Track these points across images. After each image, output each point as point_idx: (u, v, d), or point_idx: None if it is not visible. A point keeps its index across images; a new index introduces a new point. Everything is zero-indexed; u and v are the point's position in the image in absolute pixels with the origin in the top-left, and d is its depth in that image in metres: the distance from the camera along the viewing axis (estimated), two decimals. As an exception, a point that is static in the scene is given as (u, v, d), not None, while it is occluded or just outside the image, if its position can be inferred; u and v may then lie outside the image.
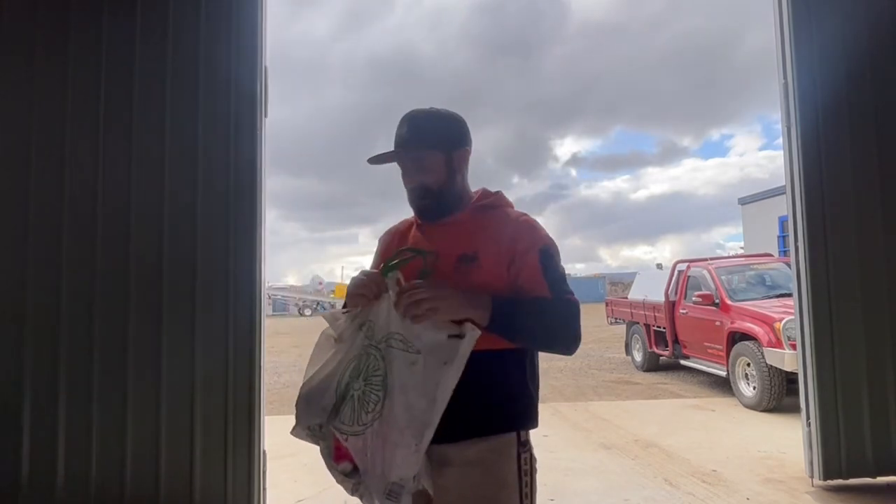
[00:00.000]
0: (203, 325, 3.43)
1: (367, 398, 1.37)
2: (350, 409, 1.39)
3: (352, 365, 1.42)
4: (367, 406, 1.37)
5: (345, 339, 1.47)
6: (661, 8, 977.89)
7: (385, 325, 1.40)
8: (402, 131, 1.55)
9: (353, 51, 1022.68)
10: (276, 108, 3.88)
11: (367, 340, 1.42)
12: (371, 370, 1.39)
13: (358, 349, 1.43)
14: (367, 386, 1.38)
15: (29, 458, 3.30)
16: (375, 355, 1.40)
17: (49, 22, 3.49)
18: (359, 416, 1.37)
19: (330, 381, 1.43)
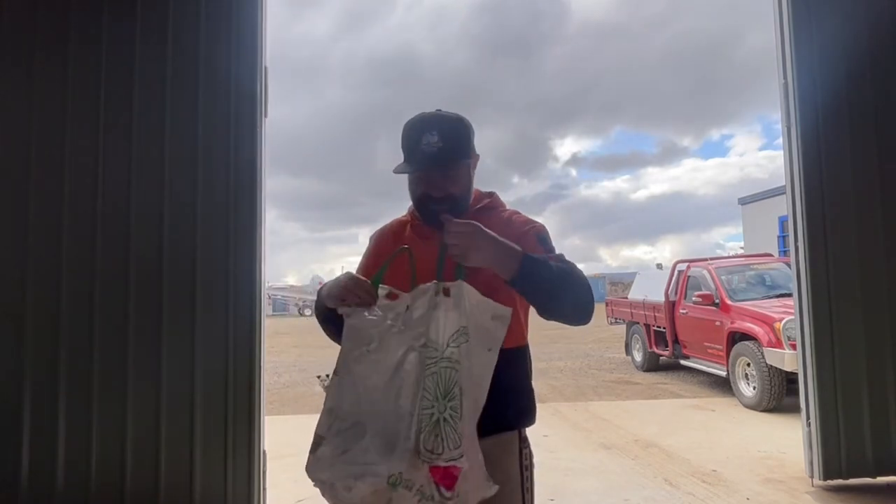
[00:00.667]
0: (203, 325, 3.43)
1: (455, 413, 1.30)
2: (446, 435, 1.29)
3: (422, 393, 1.30)
4: (457, 421, 1.29)
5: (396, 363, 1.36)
6: (662, 8, 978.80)
7: (442, 332, 1.33)
8: (430, 139, 1.46)
9: (353, 51, 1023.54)
10: (276, 108, 3.88)
11: (430, 359, 1.32)
12: (448, 384, 1.31)
13: (421, 373, 1.32)
14: (449, 401, 1.30)
15: (29, 458, 3.30)
16: (445, 366, 1.32)
17: (49, 22, 3.48)
18: (458, 436, 1.29)
19: (400, 424, 1.30)
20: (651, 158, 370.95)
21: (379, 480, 1.26)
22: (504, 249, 1.35)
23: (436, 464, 1.27)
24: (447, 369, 1.31)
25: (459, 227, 1.33)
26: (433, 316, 1.34)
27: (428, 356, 1.32)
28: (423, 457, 1.27)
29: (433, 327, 1.34)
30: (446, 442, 1.28)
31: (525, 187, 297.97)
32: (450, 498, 1.27)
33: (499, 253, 1.34)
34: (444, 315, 1.34)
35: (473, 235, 1.32)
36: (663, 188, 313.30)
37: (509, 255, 1.35)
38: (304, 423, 7.20)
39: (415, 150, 1.47)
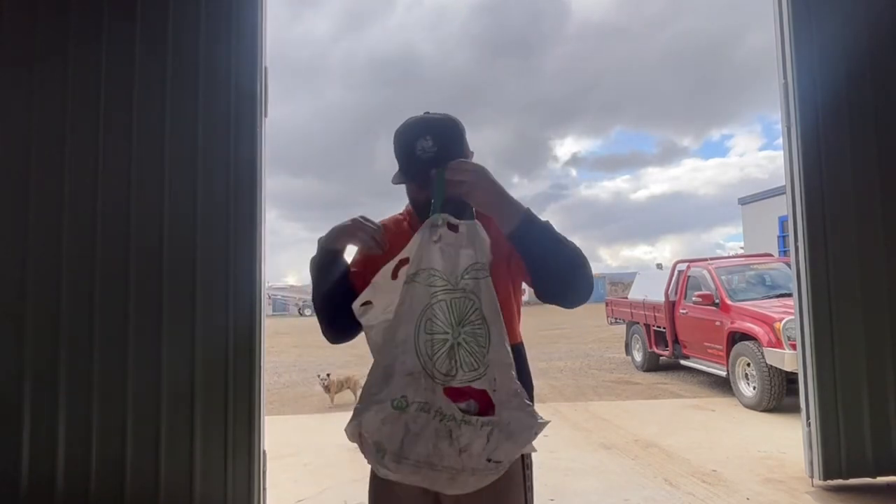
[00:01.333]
0: (203, 325, 3.43)
1: (475, 338, 1.30)
2: (459, 358, 1.30)
3: (423, 320, 1.32)
4: (478, 344, 1.30)
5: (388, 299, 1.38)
6: (662, 8, 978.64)
7: (457, 262, 1.33)
8: (425, 145, 1.43)
9: (353, 51, 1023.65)
10: (276, 108, 3.88)
11: (434, 288, 1.32)
12: (466, 312, 1.31)
13: (422, 301, 1.32)
14: (467, 327, 1.30)
15: (29, 458, 3.30)
16: (460, 297, 1.32)
17: (49, 22, 3.48)
18: (475, 358, 1.30)
19: (399, 349, 1.32)
20: (651, 158, 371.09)
21: (382, 406, 1.30)
22: (508, 199, 1.35)
23: (450, 384, 1.30)
24: (461, 299, 1.32)
25: (468, 164, 1.36)
26: (437, 248, 1.35)
27: (430, 284, 1.33)
28: (437, 379, 1.30)
29: (438, 258, 1.34)
30: (460, 364, 1.30)
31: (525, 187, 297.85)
32: (473, 421, 1.28)
33: (503, 199, 1.35)
34: (453, 249, 1.34)
35: (481, 174, 1.34)
36: (663, 188, 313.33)
37: (513, 206, 1.35)
38: (304, 423, 7.24)
39: (410, 158, 1.45)
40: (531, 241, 1.36)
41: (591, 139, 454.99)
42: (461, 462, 1.27)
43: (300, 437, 5.81)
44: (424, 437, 1.28)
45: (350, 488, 4.15)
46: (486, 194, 1.34)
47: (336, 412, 7.35)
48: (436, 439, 1.28)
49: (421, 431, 1.29)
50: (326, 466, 4.80)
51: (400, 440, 1.29)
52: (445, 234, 1.35)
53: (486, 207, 1.35)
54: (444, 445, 1.28)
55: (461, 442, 1.27)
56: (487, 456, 1.27)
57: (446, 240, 1.35)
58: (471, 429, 1.27)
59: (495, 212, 1.35)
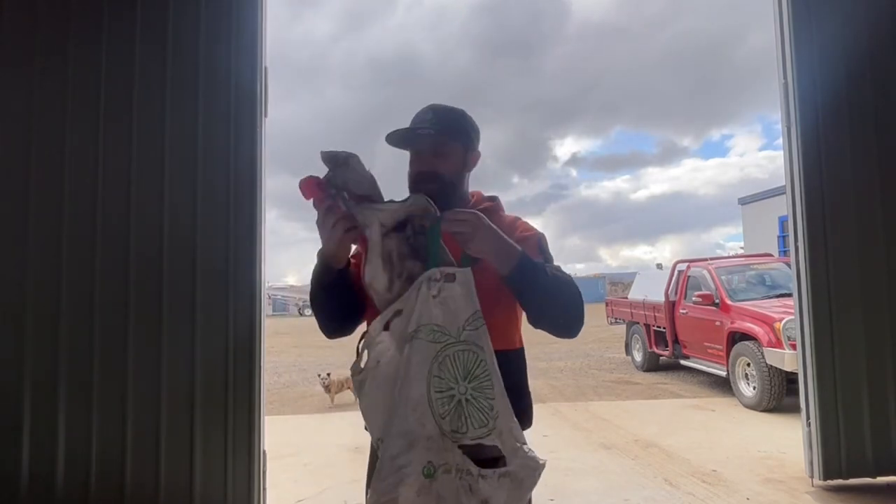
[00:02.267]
0: (203, 325, 3.43)
1: (482, 392, 1.31)
2: (469, 414, 1.30)
3: (432, 378, 1.31)
4: (487, 399, 1.31)
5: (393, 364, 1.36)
6: (662, 8, 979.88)
7: (458, 315, 1.34)
8: (425, 116, 1.55)
9: (353, 51, 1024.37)
10: (276, 108, 3.88)
11: (440, 344, 1.32)
12: (470, 365, 1.32)
13: (429, 359, 1.32)
14: (474, 382, 1.31)
15: (29, 458, 3.30)
16: (463, 349, 1.33)
17: (49, 22, 3.48)
18: (484, 413, 1.30)
19: (417, 413, 1.30)
20: (651, 158, 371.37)
21: (416, 478, 1.28)
22: (504, 243, 1.38)
23: (462, 442, 1.29)
24: (465, 352, 1.32)
25: (464, 214, 1.37)
26: (436, 301, 1.34)
27: (435, 340, 1.33)
28: (451, 437, 1.29)
29: (439, 312, 1.34)
30: (470, 421, 1.30)
31: (525, 187, 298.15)
32: (490, 474, 1.28)
33: (499, 245, 1.37)
34: (452, 300, 1.35)
35: (478, 223, 1.36)
36: (663, 188, 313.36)
37: (509, 250, 1.38)
38: (304, 423, 7.23)
39: (410, 128, 1.55)
40: (527, 283, 1.40)
41: (592, 139, 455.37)
42: None
43: (300, 437, 5.81)
44: (451, 499, 1.28)
45: (350, 488, 4.15)
46: (484, 242, 1.36)
47: (336, 412, 7.35)
48: (460, 497, 1.28)
49: (448, 494, 1.28)
50: (326, 466, 4.79)
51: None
52: (444, 287, 1.36)
53: (484, 254, 1.37)
54: (466, 500, 1.28)
55: (482, 494, 1.27)
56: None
57: (445, 293, 1.36)
58: (488, 482, 1.28)
59: (493, 257, 1.38)
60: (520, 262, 1.37)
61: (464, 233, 1.35)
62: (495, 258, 1.37)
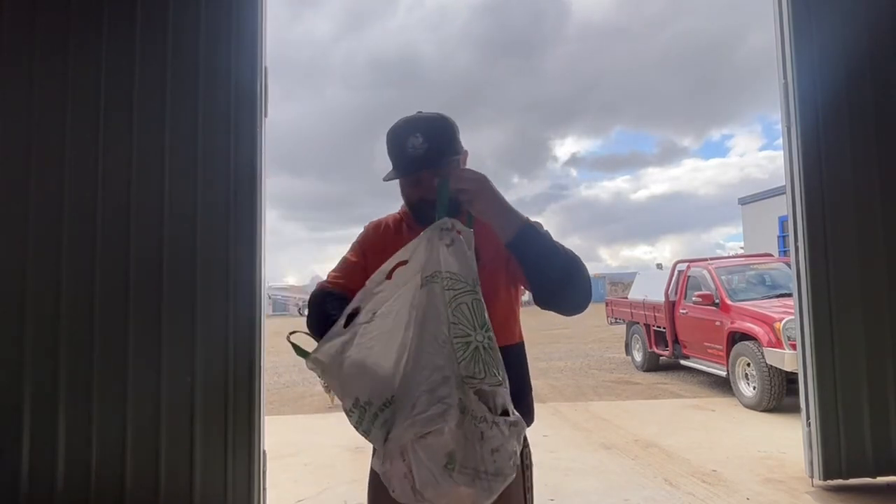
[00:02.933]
0: (203, 325, 3.43)
1: (492, 342, 1.29)
2: (486, 362, 1.26)
3: (450, 323, 1.28)
4: (495, 349, 1.28)
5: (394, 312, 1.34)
6: (662, 8, 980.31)
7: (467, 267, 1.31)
8: (416, 142, 1.46)
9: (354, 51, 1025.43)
10: (277, 108, 3.88)
11: (454, 291, 1.29)
12: (482, 315, 1.29)
13: (444, 304, 1.29)
14: (487, 332, 1.28)
15: (29, 458, 3.29)
16: (478, 298, 1.30)
17: (49, 22, 3.48)
18: (497, 363, 1.27)
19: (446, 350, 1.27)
20: (651, 158, 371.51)
21: (455, 410, 1.23)
22: (509, 208, 1.38)
23: (480, 387, 1.26)
24: (478, 301, 1.30)
25: (471, 174, 1.37)
26: (450, 251, 1.33)
27: (451, 287, 1.30)
28: (466, 382, 1.26)
29: (452, 261, 1.32)
30: (487, 367, 1.27)
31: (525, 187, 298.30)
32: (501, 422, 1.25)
33: (504, 209, 1.37)
34: (465, 253, 1.33)
35: (483, 183, 1.35)
36: (663, 188, 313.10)
37: (513, 216, 1.37)
38: (304, 423, 7.22)
39: (401, 156, 1.48)
40: (530, 249, 1.37)
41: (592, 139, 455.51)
42: (495, 466, 1.24)
43: (300, 437, 5.81)
44: (472, 441, 1.24)
45: (350, 488, 4.15)
46: (488, 203, 1.36)
47: (336, 412, 7.35)
48: (475, 443, 1.24)
49: (470, 436, 1.24)
50: (326, 466, 4.79)
51: (463, 446, 1.24)
52: (458, 239, 1.34)
53: (487, 216, 1.36)
54: (479, 448, 1.24)
55: (493, 443, 1.24)
56: (514, 460, 1.25)
57: (458, 244, 1.34)
58: (499, 430, 1.25)
59: (496, 220, 1.37)
60: (523, 228, 1.36)
61: (469, 191, 1.34)
62: (498, 221, 1.36)
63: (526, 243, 1.37)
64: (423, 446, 1.22)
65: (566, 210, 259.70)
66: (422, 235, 1.35)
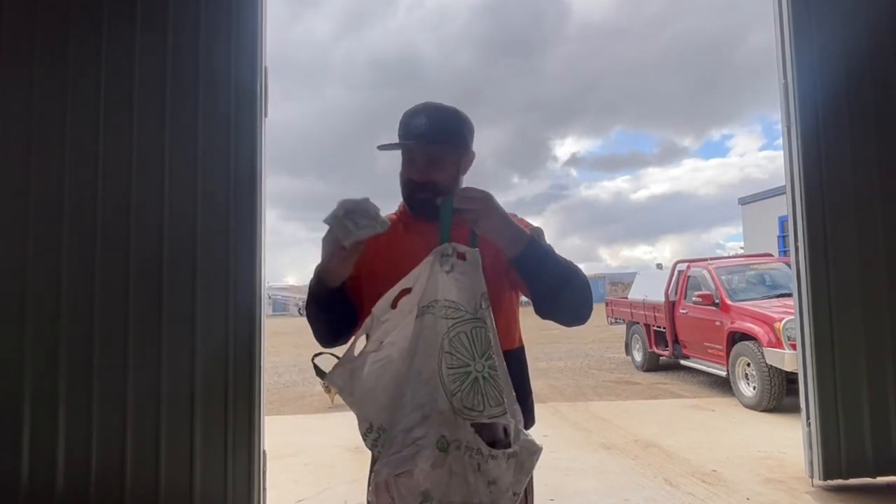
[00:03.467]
0: (203, 325, 3.43)
1: (496, 371, 1.29)
2: (483, 392, 1.27)
3: (443, 354, 1.28)
4: (500, 377, 1.28)
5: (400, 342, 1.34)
6: (662, 9, 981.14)
7: (473, 292, 1.31)
8: (419, 122, 1.49)
9: (354, 51, 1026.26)
10: (277, 109, 3.88)
11: (452, 320, 1.30)
12: (485, 343, 1.29)
13: (440, 334, 1.29)
14: (490, 360, 1.29)
15: (29, 458, 3.30)
16: (479, 326, 1.30)
17: (49, 22, 3.48)
18: (499, 392, 1.28)
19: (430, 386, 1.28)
20: (651, 158, 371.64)
21: (431, 451, 1.25)
22: (513, 225, 1.38)
23: (478, 420, 1.27)
24: (480, 329, 1.30)
25: (475, 192, 1.36)
26: (450, 277, 1.33)
27: (447, 316, 1.31)
28: (463, 414, 1.27)
29: (453, 288, 1.32)
30: (487, 399, 1.27)
31: (525, 187, 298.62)
32: (499, 454, 1.26)
33: (508, 227, 1.37)
34: (465, 277, 1.33)
35: (488, 202, 1.35)
36: (663, 188, 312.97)
37: (517, 232, 1.38)
38: (304, 423, 7.23)
39: (403, 133, 1.51)
40: (535, 266, 1.38)
41: (592, 139, 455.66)
42: (490, 497, 1.25)
43: (300, 437, 5.81)
44: (461, 476, 1.26)
45: (350, 488, 4.15)
46: (493, 221, 1.35)
47: (336, 412, 7.34)
48: (468, 475, 1.26)
49: (459, 471, 1.26)
50: (326, 466, 4.79)
51: (446, 484, 1.26)
52: (457, 264, 1.34)
53: (493, 234, 1.36)
54: (474, 480, 1.25)
55: (490, 475, 1.25)
56: (513, 490, 1.26)
57: (459, 269, 1.34)
58: (497, 463, 1.26)
59: (501, 238, 1.37)
60: (528, 245, 1.37)
61: (473, 211, 1.34)
62: (503, 239, 1.37)
63: (530, 259, 1.37)
64: (399, 484, 1.26)
65: (566, 210, 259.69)
66: (424, 262, 1.35)
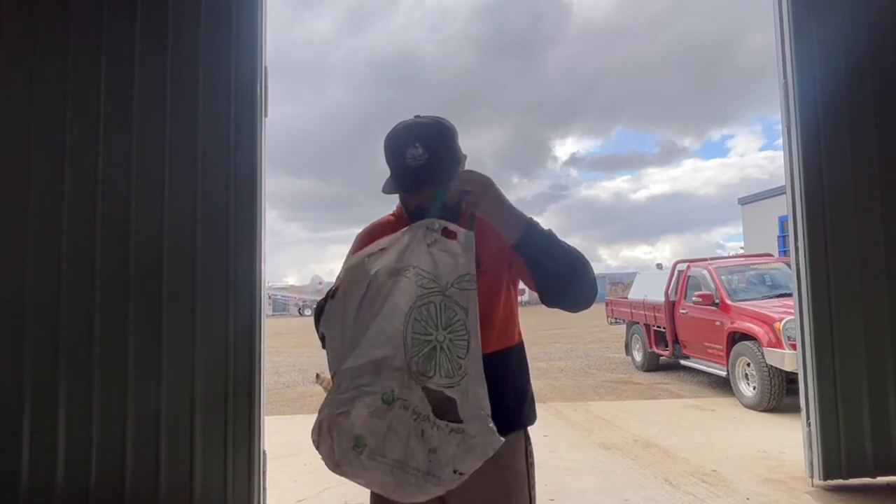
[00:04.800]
0: (203, 326, 3.43)
1: (456, 347, 1.30)
2: (440, 362, 1.29)
3: (412, 318, 1.30)
4: (458, 354, 1.30)
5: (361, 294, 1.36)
6: (662, 9, 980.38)
7: (452, 270, 1.33)
8: (415, 153, 1.42)
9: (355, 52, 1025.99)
10: (277, 109, 3.88)
11: (425, 290, 1.31)
12: (451, 320, 1.31)
13: (412, 298, 1.31)
14: (452, 335, 1.30)
15: (29, 458, 3.29)
16: (446, 303, 1.31)
17: (49, 22, 3.48)
18: (454, 366, 1.29)
19: (390, 343, 1.30)
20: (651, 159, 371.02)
21: (374, 399, 1.28)
22: (513, 209, 1.38)
23: (426, 385, 1.28)
24: (447, 307, 1.31)
25: (475, 175, 1.37)
26: (429, 251, 1.34)
27: (421, 285, 1.32)
28: (416, 378, 1.28)
29: (428, 260, 1.34)
30: (439, 368, 1.29)
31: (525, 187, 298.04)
32: (442, 425, 1.27)
33: (508, 209, 1.37)
34: (447, 254, 1.34)
35: (488, 185, 1.35)
36: (664, 188, 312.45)
37: (517, 216, 1.38)
38: (304, 424, 7.19)
39: (401, 166, 1.45)
40: (535, 249, 1.38)
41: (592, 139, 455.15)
42: (428, 465, 1.26)
43: (300, 437, 5.78)
44: (402, 435, 1.27)
45: (350, 488, 4.15)
46: (493, 204, 1.36)
47: (336, 412, 7.34)
48: (410, 438, 1.27)
49: (400, 429, 1.27)
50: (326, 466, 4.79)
51: (383, 436, 1.27)
52: (441, 240, 1.35)
53: (492, 217, 1.37)
54: (415, 444, 1.27)
55: (431, 443, 1.26)
56: (454, 467, 1.26)
57: (441, 245, 1.35)
58: (440, 432, 1.27)
59: (501, 221, 1.37)
60: (529, 228, 1.37)
61: (474, 192, 1.35)
62: (503, 222, 1.37)
63: (532, 242, 1.37)
64: (335, 424, 1.30)
65: (566, 210, 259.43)
66: (407, 229, 1.37)
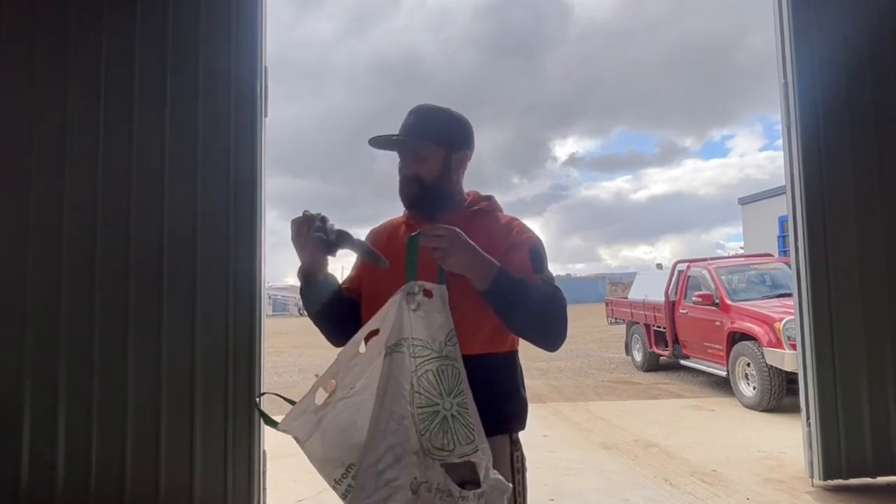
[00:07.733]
0: (203, 325, 3.43)
1: (466, 408, 1.29)
2: (453, 431, 1.28)
3: (413, 393, 1.29)
4: (470, 415, 1.29)
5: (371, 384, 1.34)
6: (663, 10, 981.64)
7: (439, 330, 1.33)
8: (408, 120, 1.57)
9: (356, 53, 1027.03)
10: (278, 109, 3.88)
11: (420, 358, 1.31)
12: (453, 381, 1.30)
13: (408, 372, 1.30)
14: (458, 398, 1.29)
15: (29, 458, 3.29)
16: (446, 364, 1.31)
17: (49, 22, 3.48)
18: (469, 429, 1.28)
19: (402, 426, 1.28)
20: (652, 159, 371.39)
21: (404, 493, 1.25)
22: (482, 259, 1.38)
23: (449, 461, 1.27)
24: (448, 367, 1.31)
25: (441, 230, 1.36)
26: (417, 315, 1.34)
27: (414, 355, 1.32)
28: (433, 455, 1.27)
29: (420, 326, 1.33)
30: (457, 438, 1.27)
31: (525, 188, 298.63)
32: (467, 497, 1.25)
33: (476, 261, 1.37)
34: (433, 315, 1.34)
35: (455, 239, 1.35)
36: (664, 188, 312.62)
37: (486, 266, 1.38)
38: (304, 423, 7.19)
39: (388, 135, 1.56)
40: (504, 299, 1.39)
41: (592, 140, 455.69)
42: None
43: (300, 437, 5.79)
44: None
45: (350, 488, 4.14)
46: (461, 257, 1.36)
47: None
48: None
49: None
50: (326, 466, 4.78)
51: None
52: (423, 302, 1.35)
53: (461, 270, 1.37)
54: None
55: None
56: None
57: (425, 307, 1.35)
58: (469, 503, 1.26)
59: (471, 272, 1.37)
60: (496, 279, 1.37)
61: (441, 248, 1.34)
62: (472, 274, 1.37)
63: (500, 294, 1.38)
64: None
65: (566, 210, 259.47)
66: (389, 302, 1.36)
